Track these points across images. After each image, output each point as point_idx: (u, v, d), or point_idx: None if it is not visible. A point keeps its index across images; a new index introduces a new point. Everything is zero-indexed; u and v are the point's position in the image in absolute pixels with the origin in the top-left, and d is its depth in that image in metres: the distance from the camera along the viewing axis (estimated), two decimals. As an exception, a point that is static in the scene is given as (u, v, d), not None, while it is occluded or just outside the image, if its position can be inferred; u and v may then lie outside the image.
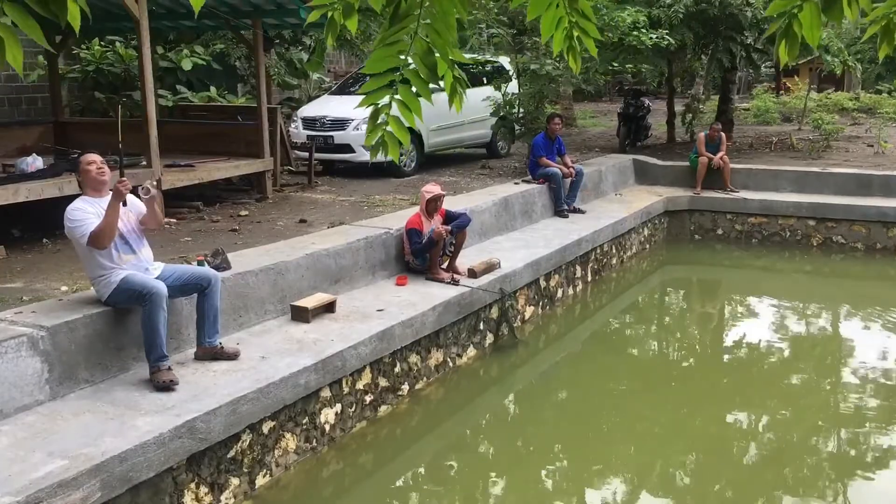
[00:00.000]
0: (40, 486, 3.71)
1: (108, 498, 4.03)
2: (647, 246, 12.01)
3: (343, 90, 13.71)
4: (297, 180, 11.30)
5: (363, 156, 11.90)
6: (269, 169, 9.83)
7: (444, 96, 10.44)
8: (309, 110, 12.77)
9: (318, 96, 15.22)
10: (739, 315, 10.34)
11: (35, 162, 7.57)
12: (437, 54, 2.26)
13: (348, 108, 12.31)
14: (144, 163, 8.38)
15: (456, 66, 2.36)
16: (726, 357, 8.65)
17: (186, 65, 12.71)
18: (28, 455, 3.99)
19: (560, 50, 2.36)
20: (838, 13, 2.05)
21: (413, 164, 12.41)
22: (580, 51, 2.38)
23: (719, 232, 12.41)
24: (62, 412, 4.48)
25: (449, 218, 7.82)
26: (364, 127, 11.62)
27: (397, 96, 2.35)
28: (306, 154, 11.47)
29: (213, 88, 13.01)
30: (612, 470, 6.03)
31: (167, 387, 4.81)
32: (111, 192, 4.92)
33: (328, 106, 12.72)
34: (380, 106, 2.37)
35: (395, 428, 6.37)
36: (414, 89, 2.35)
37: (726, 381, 7.85)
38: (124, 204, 5.00)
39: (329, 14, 2.19)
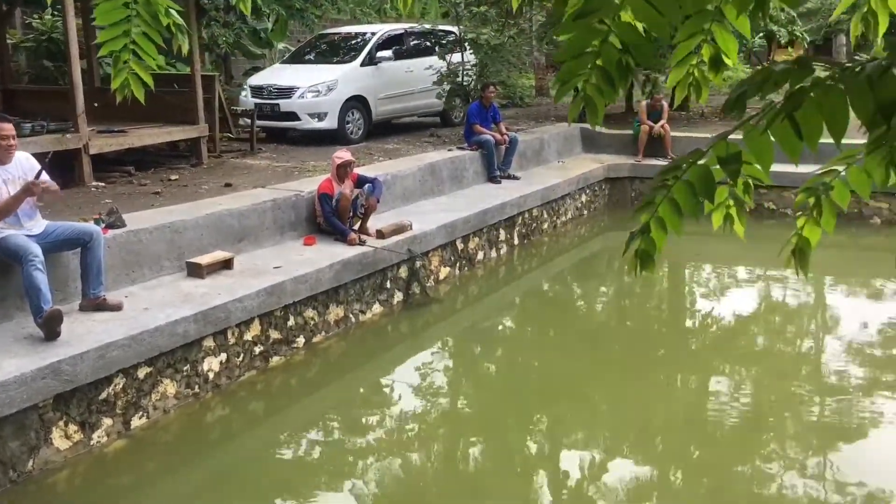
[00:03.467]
0: None
1: (-35, 430, 4.40)
2: (586, 212, 12.29)
3: (296, 59, 13.95)
4: (239, 147, 11.59)
5: (309, 123, 12.19)
6: (203, 135, 10.13)
7: (393, 66, 10.77)
8: (257, 79, 13.04)
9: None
10: (682, 280, 10.62)
11: (-41, 127, 7.87)
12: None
13: (296, 76, 12.59)
14: (73, 128, 8.68)
15: (174, 12, 2.69)
16: (670, 322, 8.91)
17: (137, 34, 12.93)
18: None
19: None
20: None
21: (360, 132, 12.67)
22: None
23: (659, 199, 12.63)
24: (-65, 354, 4.85)
25: (360, 182, 8.12)
26: (310, 95, 12.02)
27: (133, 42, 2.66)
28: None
29: (161, 57, 13.26)
30: (518, 432, 6.08)
31: (54, 335, 5.14)
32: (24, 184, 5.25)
33: (276, 74, 12.99)
34: (119, 52, 2.68)
35: (289, 378, 6.73)
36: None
37: (671, 346, 8.05)
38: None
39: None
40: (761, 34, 21.70)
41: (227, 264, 6.79)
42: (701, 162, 2.03)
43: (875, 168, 2.00)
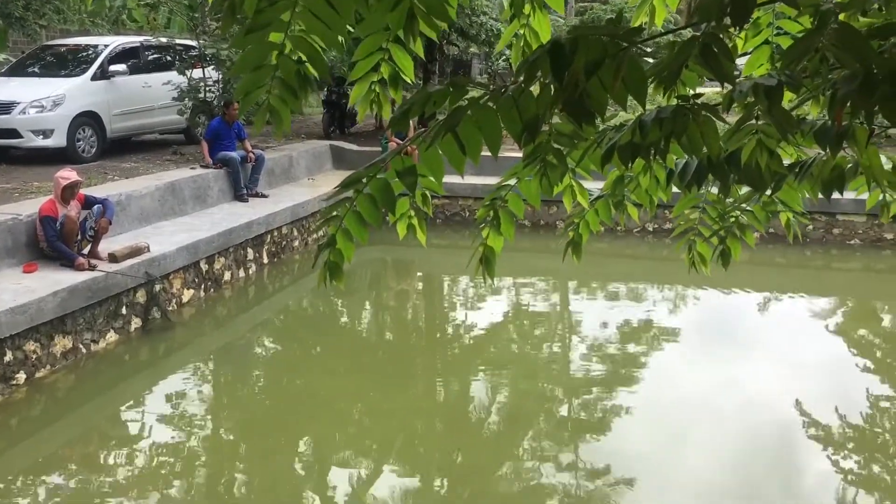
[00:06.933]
0: None
1: None
2: (338, 228, 12.37)
3: (17, 72, 12.77)
4: (-53, 168, 10.42)
5: (32, 141, 11.22)
6: None
7: (128, 81, 10.18)
8: (-31, 93, 11.78)
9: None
10: (436, 292, 10.98)
11: None
12: None
13: (16, 90, 11.55)
14: None
15: None
16: (426, 332, 9.17)
17: None
18: None
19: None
20: None
21: (94, 151, 11.86)
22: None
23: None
24: None
25: (88, 203, 7.62)
26: (33, 111, 11.06)
27: None
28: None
29: None
30: (281, 455, 5.98)
31: None
32: None
33: (-7, 88, 11.82)
34: None
35: (8, 419, 6.15)
36: None
37: (427, 356, 8.28)
38: None
39: None
40: (504, 58, 23.16)
41: (-73, 298, 6.07)
42: (380, 175, 2.15)
43: (536, 179, 2.22)
